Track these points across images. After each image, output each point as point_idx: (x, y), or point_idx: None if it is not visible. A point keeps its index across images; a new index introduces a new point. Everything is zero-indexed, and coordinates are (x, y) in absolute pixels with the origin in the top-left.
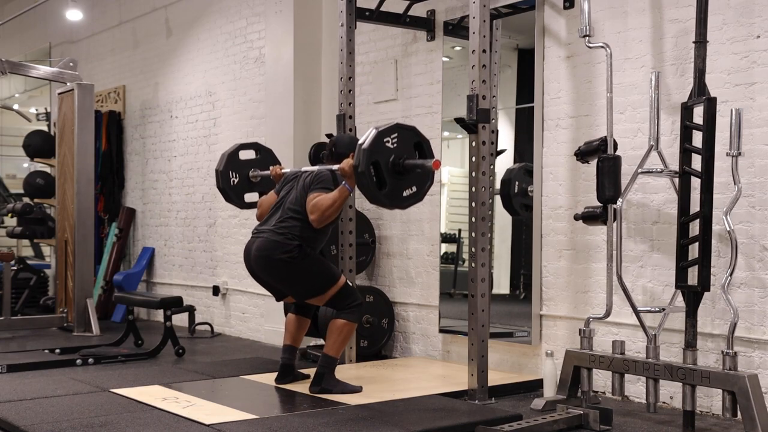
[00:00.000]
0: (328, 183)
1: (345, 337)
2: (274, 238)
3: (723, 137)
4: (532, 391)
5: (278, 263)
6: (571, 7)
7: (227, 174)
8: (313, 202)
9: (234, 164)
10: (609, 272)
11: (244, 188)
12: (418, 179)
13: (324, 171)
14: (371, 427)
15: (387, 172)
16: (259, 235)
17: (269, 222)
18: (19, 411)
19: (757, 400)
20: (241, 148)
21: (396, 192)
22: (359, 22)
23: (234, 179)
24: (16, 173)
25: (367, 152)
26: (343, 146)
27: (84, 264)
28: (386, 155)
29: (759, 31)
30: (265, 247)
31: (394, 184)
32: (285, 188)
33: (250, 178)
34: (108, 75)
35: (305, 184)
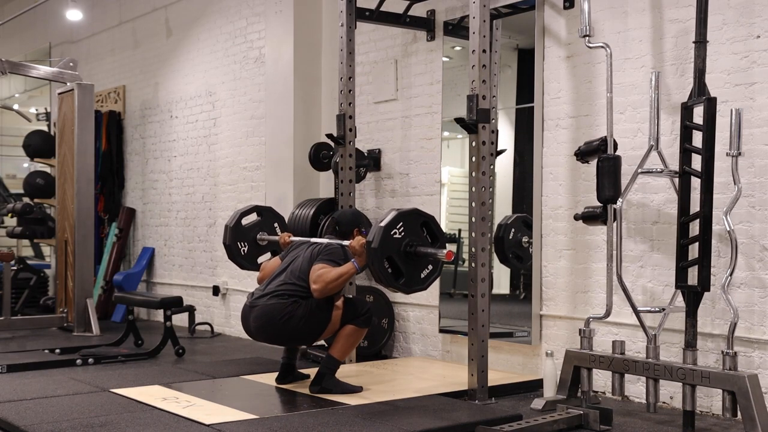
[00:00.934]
0: (338, 257)
1: (353, 342)
2: (271, 303)
3: (723, 137)
4: (532, 391)
5: (277, 325)
6: (571, 7)
7: (236, 246)
8: (318, 272)
9: (239, 233)
10: (609, 272)
11: (255, 253)
12: (432, 260)
13: (335, 245)
14: (371, 427)
15: (401, 261)
16: (256, 303)
17: (269, 286)
18: (19, 411)
19: (757, 400)
20: (242, 215)
21: (414, 277)
22: (359, 22)
23: (243, 248)
24: (16, 173)
25: (378, 253)
26: (347, 223)
27: (84, 264)
28: (396, 246)
29: (759, 31)
30: (264, 315)
31: (410, 271)
32: (290, 255)
33: (258, 242)
34: (108, 75)
35: (312, 254)
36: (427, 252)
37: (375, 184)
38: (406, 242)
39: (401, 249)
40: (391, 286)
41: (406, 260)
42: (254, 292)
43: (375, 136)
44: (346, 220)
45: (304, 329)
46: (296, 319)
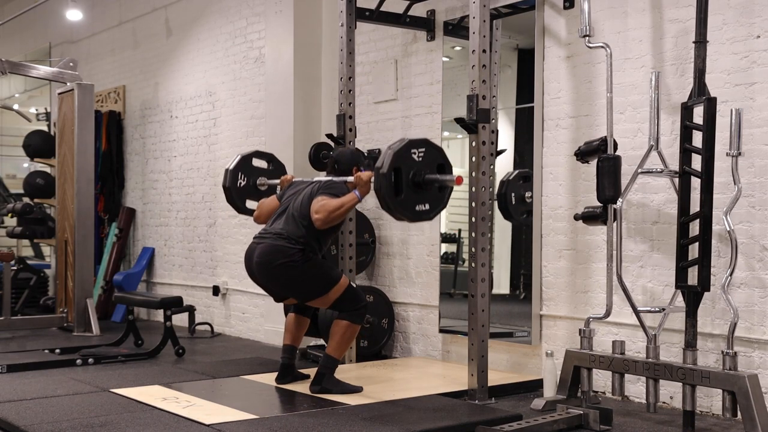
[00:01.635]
0: (340, 191)
1: (348, 338)
2: (276, 243)
3: (723, 137)
4: (532, 391)
5: (279, 268)
6: (571, 7)
7: (236, 174)
8: (320, 203)
9: (245, 168)
10: (609, 272)
11: (249, 193)
12: (433, 198)
13: (337, 180)
14: (371, 427)
15: (406, 182)
16: (261, 241)
17: (272, 226)
18: (19, 411)
19: (757, 400)
20: (257, 154)
21: (409, 203)
22: (359, 22)
23: (241, 182)
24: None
25: (393, 155)
26: (346, 162)
27: (84, 264)
28: (409, 165)
29: (759, 31)
30: (267, 253)
31: (410, 195)
32: (289, 193)
33: (258, 185)
34: (108, 75)
35: (313, 191)
36: (436, 178)
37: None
38: (412, 174)
39: (412, 171)
40: (388, 203)
41: (411, 184)
42: (260, 232)
43: (375, 136)
44: (345, 158)
45: (300, 282)
46: (297, 269)
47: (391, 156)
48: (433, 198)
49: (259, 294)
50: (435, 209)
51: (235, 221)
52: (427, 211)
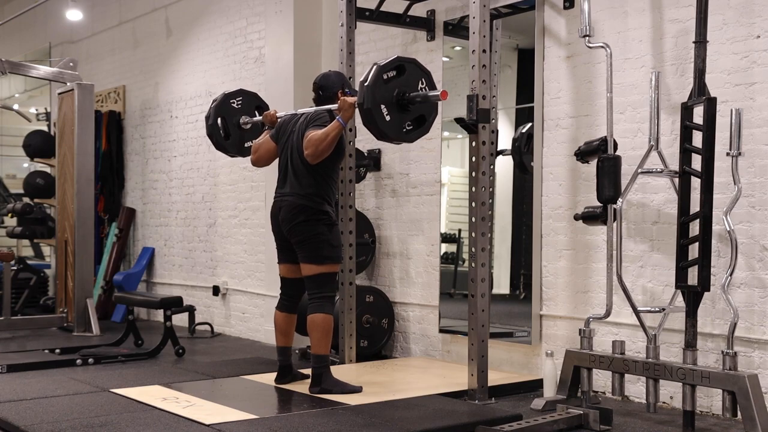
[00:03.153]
0: (324, 122)
1: (327, 331)
2: (300, 202)
3: (723, 137)
4: (532, 391)
5: (301, 224)
6: (571, 7)
7: (216, 125)
8: (306, 139)
9: (223, 110)
10: (609, 272)
11: (236, 134)
12: (425, 110)
13: (321, 111)
14: (371, 427)
15: (389, 104)
16: (284, 199)
17: (288, 184)
18: (19, 411)
19: (757, 400)
20: (228, 95)
21: (396, 124)
22: (359, 22)
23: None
24: (16, 173)
25: (370, 89)
26: (330, 86)
27: (84, 264)
28: (388, 96)
29: (759, 31)
30: (292, 209)
31: (396, 116)
32: (282, 138)
33: (241, 124)
34: (108, 75)
35: (301, 129)
36: (420, 95)
37: (375, 184)
38: (397, 92)
39: (393, 98)
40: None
41: (398, 109)
42: (279, 190)
43: None
44: (330, 82)
45: (313, 238)
46: (315, 232)
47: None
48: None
49: (259, 294)
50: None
51: (235, 221)
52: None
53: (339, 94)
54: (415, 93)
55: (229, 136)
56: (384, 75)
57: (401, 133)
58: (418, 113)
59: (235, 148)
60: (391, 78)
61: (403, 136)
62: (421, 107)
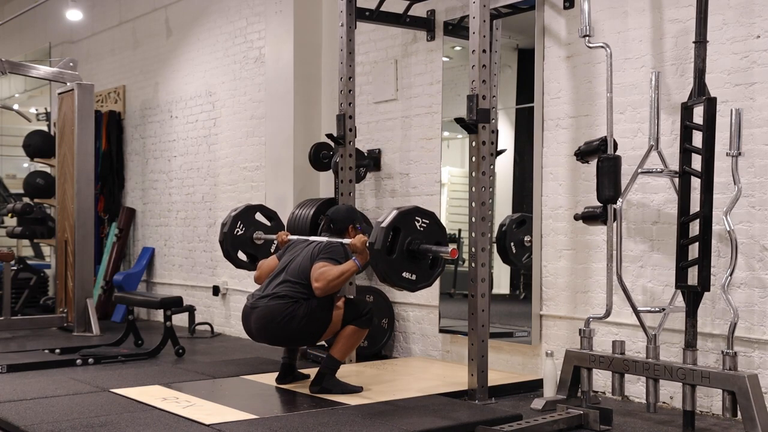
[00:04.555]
0: (338, 255)
1: (354, 342)
2: (272, 304)
3: (723, 137)
4: (532, 391)
5: (278, 326)
6: (571, 7)
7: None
8: (319, 271)
9: (245, 218)
10: (609, 272)
11: (245, 245)
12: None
13: (335, 243)
14: (371, 427)
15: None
16: (257, 304)
17: (268, 288)
18: (19, 411)
19: (757, 400)
20: (261, 209)
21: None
22: (359, 22)
23: (239, 230)
24: (16, 173)
25: (385, 230)
26: (341, 220)
27: (84, 264)
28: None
29: (759, 31)
30: (264, 317)
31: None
32: (288, 254)
33: (254, 239)
34: (108, 75)
35: (312, 253)
36: (431, 249)
37: (375, 184)
38: (409, 240)
39: (404, 247)
40: (398, 285)
41: (409, 258)
42: (254, 293)
43: (375, 136)
44: (340, 217)
45: (305, 330)
46: (297, 320)
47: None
48: (423, 270)
49: None
50: (425, 280)
51: None
52: (413, 281)
53: (350, 228)
54: (425, 247)
55: (255, 259)
56: (386, 242)
57: (429, 278)
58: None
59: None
60: (393, 239)
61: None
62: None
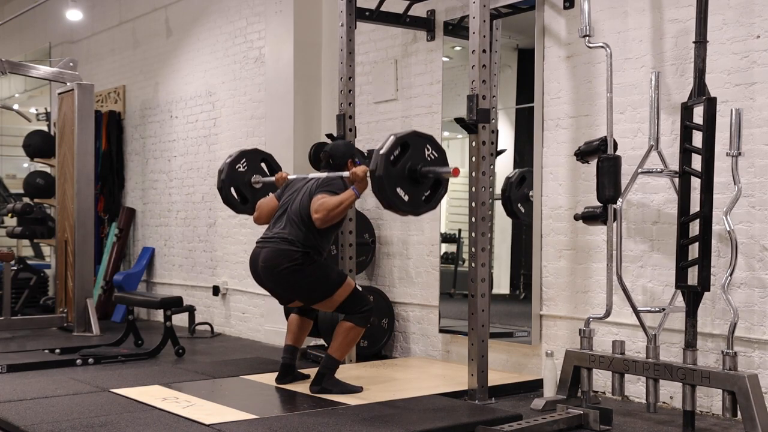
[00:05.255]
0: (337, 188)
1: (351, 340)
2: (280, 246)
3: (723, 137)
4: (532, 391)
5: (285, 272)
6: (571, 7)
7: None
8: (319, 202)
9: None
10: (609, 272)
11: (244, 190)
12: (417, 196)
13: (333, 176)
14: (371, 427)
15: (401, 174)
16: (265, 245)
17: (273, 229)
18: (19, 411)
19: (757, 400)
20: (256, 152)
21: (393, 181)
22: (359, 22)
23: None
24: (16, 173)
25: (384, 156)
26: (340, 156)
27: (84, 264)
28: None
29: (759, 31)
30: (272, 257)
31: (416, 192)
32: (288, 193)
33: (252, 183)
34: (108, 75)
35: (311, 189)
36: (433, 171)
37: None
38: (410, 165)
39: (405, 172)
40: (390, 202)
41: (411, 182)
42: (263, 235)
43: (375, 136)
44: (339, 152)
45: (307, 286)
46: (304, 274)
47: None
48: (417, 196)
49: (260, 294)
50: (411, 206)
51: (235, 221)
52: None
53: (349, 163)
54: (426, 168)
55: (247, 201)
56: (390, 157)
57: (421, 206)
58: (427, 189)
59: (251, 210)
60: (398, 157)
61: (423, 207)
62: (430, 183)
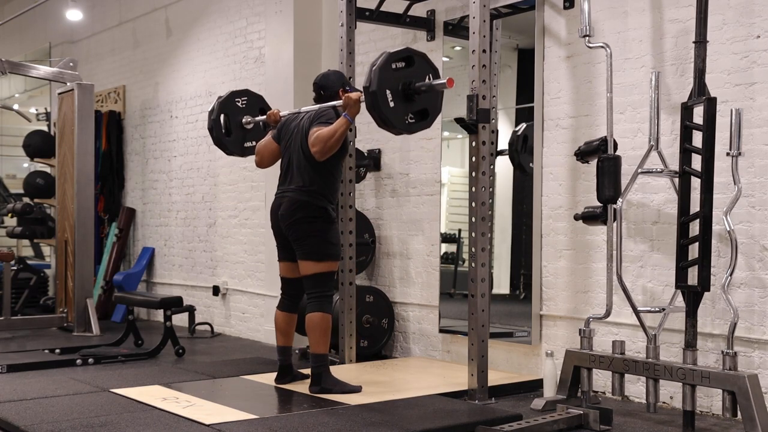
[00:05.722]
0: (329, 118)
1: (325, 330)
2: (300, 197)
3: (723, 137)
4: (532, 391)
5: (300, 220)
6: (571, 7)
7: (218, 121)
8: (315, 135)
9: (228, 108)
10: (609, 272)
11: (237, 134)
12: (429, 103)
13: (325, 108)
14: (371, 427)
15: (395, 95)
16: (285, 195)
17: (290, 180)
18: (19, 411)
19: (757, 400)
20: (235, 94)
21: (400, 114)
22: (359, 22)
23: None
24: (16, 173)
25: (378, 72)
26: (332, 85)
27: (84, 264)
28: (395, 84)
29: (759, 31)
30: (292, 206)
31: (401, 106)
32: (285, 137)
33: (243, 124)
34: (108, 75)
35: (305, 128)
36: (425, 84)
37: (375, 184)
38: (403, 82)
39: (399, 87)
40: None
41: (404, 98)
42: (280, 188)
43: (375, 136)
44: (330, 81)
45: (311, 236)
46: (313, 228)
47: (377, 73)
48: (427, 101)
49: (259, 294)
50: (434, 112)
51: (235, 221)
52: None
53: (340, 92)
54: (420, 83)
55: (230, 134)
56: (393, 64)
57: (403, 123)
58: (422, 106)
59: (234, 147)
60: (399, 68)
61: (405, 126)
62: (425, 100)
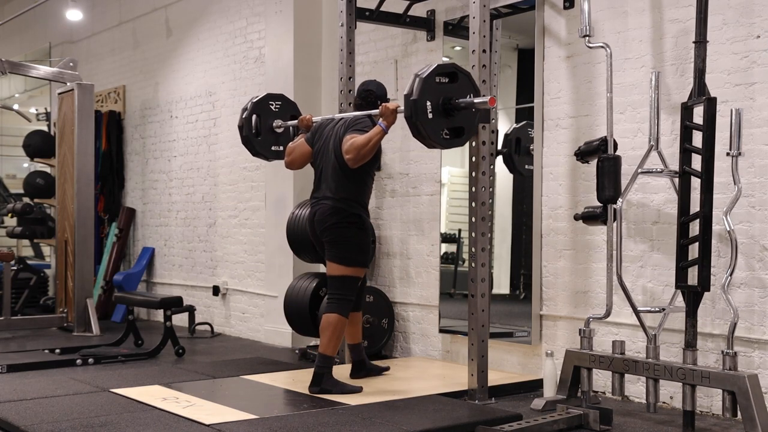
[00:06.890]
0: (365, 126)
1: (339, 333)
2: (335, 205)
3: (723, 137)
4: (532, 391)
5: (336, 225)
6: (571, 7)
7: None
8: (349, 143)
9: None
10: (609, 272)
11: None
12: (466, 122)
13: (360, 115)
14: (371, 427)
15: (435, 108)
16: (320, 202)
17: (324, 188)
18: (19, 411)
19: (757, 400)
20: (269, 97)
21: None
22: (359, 22)
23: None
24: (16, 173)
25: (422, 83)
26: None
27: (84, 264)
28: (436, 97)
29: (759, 31)
30: (325, 212)
31: (440, 121)
32: (318, 142)
33: (274, 128)
34: (108, 75)
35: (339, 134)
36: (466, 101)
37: (375, 184)
38: (444, 97)
39: (440, 102)
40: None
41: (443, 113)
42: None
43: None
44: (374, 87)
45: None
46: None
47: (421, 83)
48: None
49: (259, 294)
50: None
51: (235, 221)
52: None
53: (380, 104)
54: (461, 99)
55: (259, 135)
56: (437, 77)
57: (439, 137)
58: (459, 124)
59: (261, 148)
60: (442, 82)
61: (440, 140)
62: (462, 118)
